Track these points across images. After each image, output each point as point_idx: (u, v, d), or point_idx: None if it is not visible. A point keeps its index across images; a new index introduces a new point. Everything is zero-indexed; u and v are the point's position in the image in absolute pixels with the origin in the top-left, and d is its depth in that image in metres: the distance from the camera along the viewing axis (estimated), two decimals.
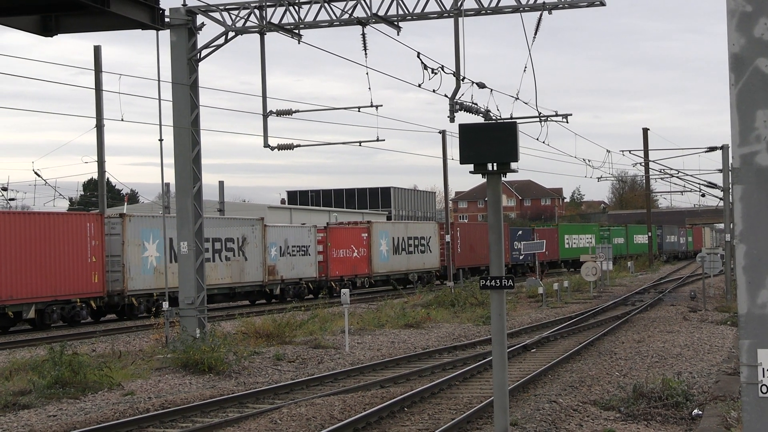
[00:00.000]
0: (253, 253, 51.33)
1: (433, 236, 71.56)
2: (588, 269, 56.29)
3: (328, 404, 20.05)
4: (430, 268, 70.98)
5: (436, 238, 71.51)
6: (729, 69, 6.82)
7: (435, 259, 71.56)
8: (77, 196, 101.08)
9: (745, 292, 6.66)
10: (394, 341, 33.46)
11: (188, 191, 30.04)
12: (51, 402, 21.37)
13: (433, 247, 71.38)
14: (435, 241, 71.58)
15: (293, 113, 31.97)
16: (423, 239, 70.12)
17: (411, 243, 68.17)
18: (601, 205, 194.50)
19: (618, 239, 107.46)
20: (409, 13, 28.92)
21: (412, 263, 68.24)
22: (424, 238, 70.30)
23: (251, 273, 51.21)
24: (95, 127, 46.89)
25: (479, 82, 28.95)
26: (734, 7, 6.75)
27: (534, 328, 37.85)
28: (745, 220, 6.69)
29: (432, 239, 71.38)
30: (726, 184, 53.02)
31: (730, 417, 17.39)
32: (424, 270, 69.89)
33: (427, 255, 70.65)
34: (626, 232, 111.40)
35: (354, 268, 61.27)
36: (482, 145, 13.09)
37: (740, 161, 6.72)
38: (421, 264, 69.63)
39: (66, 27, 8.51)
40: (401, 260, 66.79)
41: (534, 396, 21.64)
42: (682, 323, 38.01)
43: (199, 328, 29.27)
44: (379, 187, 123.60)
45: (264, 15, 29.47)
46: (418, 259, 69.10)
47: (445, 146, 58.67)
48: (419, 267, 69.23)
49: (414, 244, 68.62)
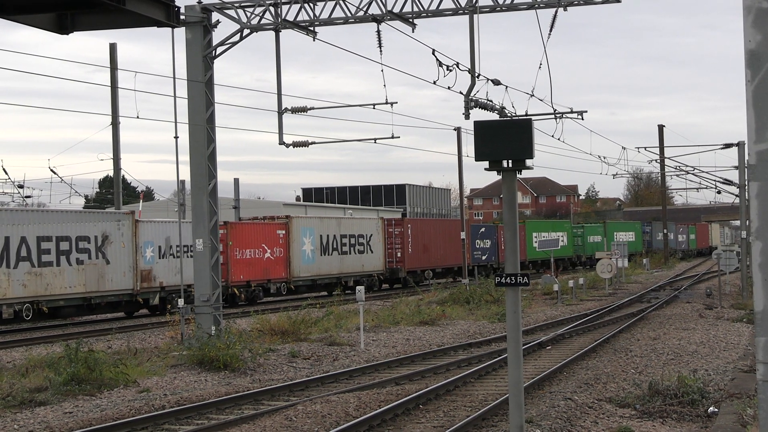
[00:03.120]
0: (119, 255, 42.11)
1: (376, 234, 62.42)
2: (603, 266, 56.21)
3: (344, 401, 20.06)
4: (372, 271, 61.71)
5: (379, 236, 62.66)
6: (745, 65, 6.80)
7: (378, 261, 62.37)
8: (93, 194, 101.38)
9: (761, 289, 6.64)
10: (409, 338, 33.46)
11: (203, 188, 30.10)
12: (67, 399, 21.43)
13: (376, 247, 62.18)
14: (378, 240, 62.48)
15: (308, 110, 32.00)
16: (362, 237, 60.84)
17: (346, 242, 59.03)
18: (616, 202, 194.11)
19: (593, 237, 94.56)
20: (424, 10, 28.91)
21: (348, 265, 59.12)
22: (363, 236, 61.00)
23: (116, 280, 41.89)
24: (111, 124, 47.04)
25: (494, 79, 28.94)
26: (751, 3, 6.73)
27: (549, 325, 37.79)
28: (761, 217, 6.67)
29: (374, 237, 62.10)
30: (742, 181, 52.84)
31: (746, 414, 17.33)
32: (363, 273, 60.55)
33: (368, 256, 61.28)
34: (605, 229, 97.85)
35: (266, 272, 51.82)
36: (497, 142, 13.07)
37: (756, 158, 6.71)
38: (359, 266, 60.28)
39: (82, 25, 8.54)
40: (332, 262, 57.51)
41: (549, 393, 21.61)
42: (698, 320, 37.91)
43: (215, 326, 29.34)
44: (394, 184, 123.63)
45: (279, 12, 29.49)
46: (354, 261, 59.84)
47: (460, 143, 58.67)
48: (357, 270, 59.97)
49: (350, 243, 59.33)
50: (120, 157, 47.44)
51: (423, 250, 66.26)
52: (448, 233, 69.33)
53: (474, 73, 27.22)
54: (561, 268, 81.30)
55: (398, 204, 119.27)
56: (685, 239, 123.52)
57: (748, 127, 6.77)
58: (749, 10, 6.72)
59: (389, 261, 63.35)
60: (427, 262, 66.93)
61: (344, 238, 58.85)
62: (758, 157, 6.69)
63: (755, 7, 6.70)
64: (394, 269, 63.75)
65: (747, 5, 6.72)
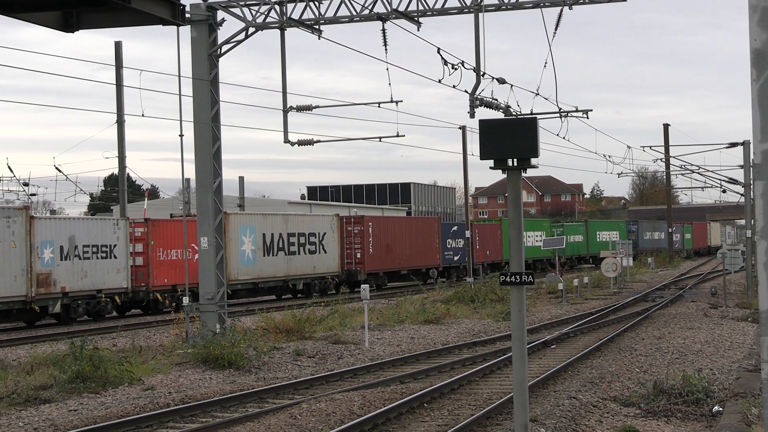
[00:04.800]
0: (8, 257, 36.89)
1: (330, 232, 56.48)
2: (608, 265, 56.20)
3: (348, 399, 20.07)
4: (324, 273, 55.60)
5: (333, 235, 56.77)
6: (751, 65, 6.80)
7: (332, 262, 56.42)
8: (98, 192, 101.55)
9: (766, 288, 6.64)
10: (413, 337, 33.47)
11: (209, 187, 30.12)
12: (72, 396, 21.47)
13: (330, 247, 56.26)
14: (332, 239, 56.63)
15: (313, 109, 32.01)
16: (313, 236, 54.79)
17: (294, 241, 53.15)
18: (621, 201, 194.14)
19: (574, 237, 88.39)
20: (430, 9, 28.92)
21: (296, 267, 53.09)
22: (314, 234, 54.94)
23: (2, 285, 36.65)
24: (116, 122, 47.09)
25: (499, 78, 28.92)
26: (756, 2, 6.73)
27: (554, 324, 37.79)
28: (766, 216, 6.67)
29: (327, 236, 56.14)
30: (747, 180, 52.82)
31: (751, 414, 17.33)
32: (315, 276, 54.74)
33: (320, 256, 55.29)
34: (586, 228, 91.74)
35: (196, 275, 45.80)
36: (502, 140, 13.07)
37: (762, 157, 6.71)
38: (311, 268, 54.30)
39: (87, 23, 8.55)
40: (277, 263, 51.63)
41: (554, 392, 21.62)
42: (703, 320, 37.90)
43: (219, 324, 29.36)
44: (399, 183, 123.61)
45: (284, 10, 29.51)
46: (304, 262, 53.68)
47: (465, 142, 58.62)
48: (307, 272, 54.07)
49: (299, 243, 53.27)
50: (125, 155, 47.48)
51: (386, 250, 60.98)
52: (418, 232, 65.32)
53: (479, 71, 27.20)
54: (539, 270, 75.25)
55: (403, 203, 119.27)
56: (678, 239, 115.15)
57: (753, 126, 6.77)
58: (755, 9, 6.71)
59: (347, 262, 57.86)
60: (390, 263, 61.61)
61: (292, 237, 53.04)
62: (763, 156, 6.68)
63: (761, 6, 6.69)
64: (353, 271, 57.93)
65: (753, 4, 6.71)
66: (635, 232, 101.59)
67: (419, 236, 65.05)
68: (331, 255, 56.31)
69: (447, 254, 68.24)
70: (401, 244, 62.80)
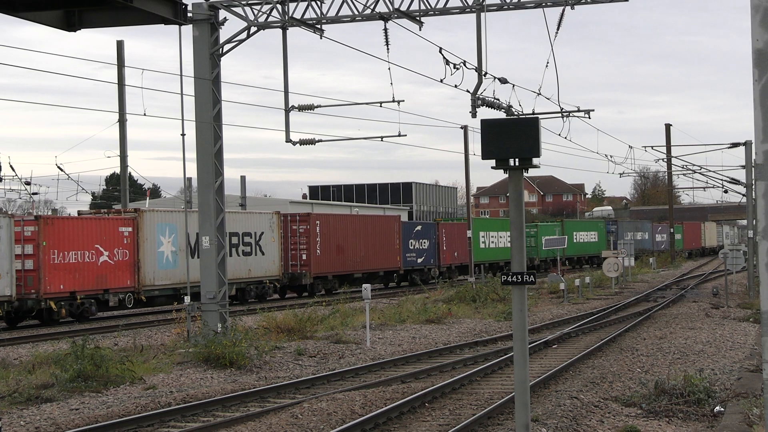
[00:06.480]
0: None
1: (268, 232, 50.64)
2: (610, 265, 56.21)
3: (349, 399, 20.07)
4: (262, 277, 50.09)
5: (273, 235, 51.03)
6: (752, 65, 6.80)
7: (271, 265, 50.69)
8: (100, 191, 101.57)
9: (767, 289, 6.64)
10: (415, 336, 33.48)
11: (210, 186, 30.14)
12: (73, 395, 21.48)
13: (268, 248, 50.48)
14: (271, 239, 50.83)
15: (315, 108, 32.01)
16: (248, 236, 49.11)
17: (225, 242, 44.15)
18: (623, 201, 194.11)
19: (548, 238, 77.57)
20: (432, 8, 28.92)
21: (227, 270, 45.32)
22: (249, 234, 49.22)
23: None
24: (118, 121, 47.15)
25: (501, 78, 28.90)
26: (758, 2, 6.73)
27: (555, 324, 37.78)
28: (767, 216, 6.67)
29: (266, 236, 50.32)
30: (749, 181, 52.79)
31: (753, 414, 17.33)
32: (249, 280, 49.18)
33: (256, 258, 49.54)
34: (562, 228, 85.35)
35: (101, 280, 40.32)
36: (504, 140, 13.07)
37: (763, 157, 6.71)
38: (245, 272, 48.65)
39: (89, 22, 8.57)
40: None
41: (555, 392, 21.61)
42: (704, 320, 37.88)
43: (221, 323, 29.38)
44: (401, 182, 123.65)
45: (286, 10, 29.51)
46: (237, 265, 47.33)
47: (466, 141, 58.58)
48: (241, 276, 48.18)
49: (230, 243, 46.26)
50: (127, 154, 47.55)
51: (337, 252, 56.07)
52: (375, 232, 60.35)
53: (481, 71, 27.19)
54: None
55: (405, 202, 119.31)
56: (664, 239, 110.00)
57: (755, 126, 6.77)
58: (757, 9, 6.71)
59: (292, 264, 53.21)
60: (341, 265, 56.55)
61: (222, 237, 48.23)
62: (765, 156, 6.69)
63: (763, 7, 6.70)
64: (297, 274, 53.34)
65: (755, 5, 6.72)
66: (615, 232, 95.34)
67: (376, 236, 60.29)
68: (269, 257, 50.60)
69: (409, 256, 63.37)
70: (355, 245, 57.87)
